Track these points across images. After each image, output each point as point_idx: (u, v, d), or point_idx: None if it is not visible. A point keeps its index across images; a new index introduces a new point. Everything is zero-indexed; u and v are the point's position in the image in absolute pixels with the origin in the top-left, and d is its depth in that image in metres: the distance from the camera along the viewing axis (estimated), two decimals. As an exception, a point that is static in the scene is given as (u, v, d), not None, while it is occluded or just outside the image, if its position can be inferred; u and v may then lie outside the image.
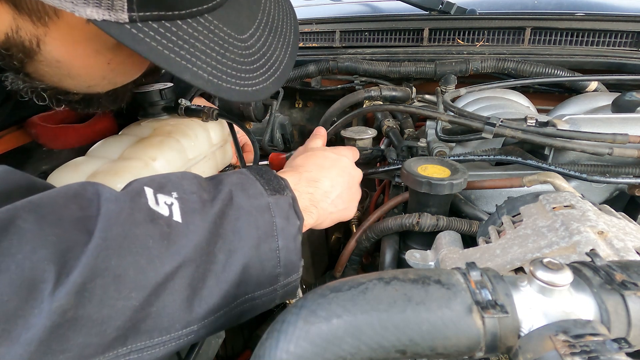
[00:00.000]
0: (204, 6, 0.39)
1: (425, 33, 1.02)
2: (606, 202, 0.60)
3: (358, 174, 0.56)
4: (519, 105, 0.74)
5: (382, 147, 0.81)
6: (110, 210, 0.31)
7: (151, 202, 0.33)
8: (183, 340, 0.33)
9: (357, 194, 0.55)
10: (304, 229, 0.45)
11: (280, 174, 0.46)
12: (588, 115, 0.60)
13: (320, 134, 0.63)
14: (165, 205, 0.34)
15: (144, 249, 0.30)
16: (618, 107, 0.61)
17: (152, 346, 0.31)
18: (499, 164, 0.66)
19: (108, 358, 0.29)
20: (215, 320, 0.34)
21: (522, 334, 0.24)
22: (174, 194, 0.35)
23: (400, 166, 0.59)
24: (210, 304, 0.33)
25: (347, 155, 0.56)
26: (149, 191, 0.34)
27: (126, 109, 0.75)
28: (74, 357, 0.27)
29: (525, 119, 0.59)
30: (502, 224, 0.42)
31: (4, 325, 0.25)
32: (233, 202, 0.37)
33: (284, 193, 0.41)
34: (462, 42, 1.00)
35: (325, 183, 0.50)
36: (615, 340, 0.20)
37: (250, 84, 0.43)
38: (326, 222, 0.51)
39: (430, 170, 0.53)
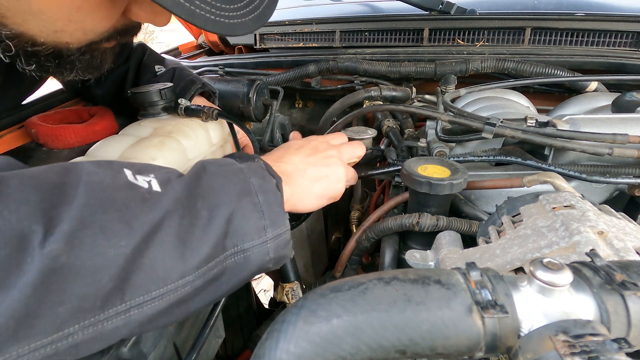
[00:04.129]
0: None
1: (425, 33, 1.02)
2: (606, 202, 0.60)
3: (333, 149, 0.57)
4: (519, 105, 0.74)
5: (382, 147, 0.81)
6: (91, 179, 0.32)
7: (130, 178, 0.35)
8: (180, 292, 0.33)
9: (336, 166, 0.54)
10: (290, 207, 0.47)
11: None
12: (588, 116, 0.60)
13: (293, 136, 0.67)
14: (144, 181, 0.35)
15: (127, 207, 0.32)
16: (618, 107, 0.61)
17: (150, 300, 0.31)
18: (499, 164, 0.66)
19: (109, 315, 0.30)
20: (208, 270, 0.35)
21: (522, 334, 0.24)
22: (152, 175, 0.37)
23: (400, 166, 0.59)
24: (202, 253, 0.34)
25: (318, 139, 0.58)
26: (127, 172, 0.35)
27: (126, 109, 0.75)
28: (72, 310, 0.28)
29: (525, 119, 0.59)
30: (502, 224, 0.42)
31: None
32: (206, 170, 0.40)
33: (254, 160, 0.44)
34: (462, 42, 1.00)
35: (294, 159, 0.51)
36: (615, 340, 0.20)
37: (228, 15, 0.41)
38: (309, 197, 0.50)
39: (430, 170, 0.53)
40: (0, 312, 0.25)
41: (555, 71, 0.82)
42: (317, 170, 0.52)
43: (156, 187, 0.35)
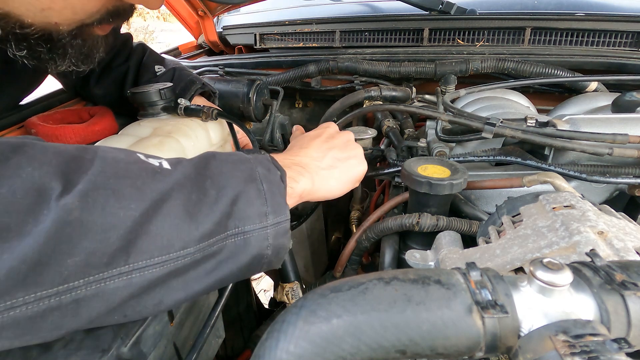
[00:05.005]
0: None
1: (425, 33, 1.02)
2: (606, 202, 0.60)
3: (346, 133, 0.59)
4: (519, 105, 0.74)
5: (382, 147, 0.81)
6: (106, 155, 0.35)
7: (142, 157, 0.37)
8: (180, 262, 0.34)
9: (356, 149, 0.57)
10: (304, 196, 0.49)
11: None
12: (588, 116, 0.60)
13: (297, 130, 0.68)
14: (156, 161, 0.38)
15: (139, 176, 0.34)
16: (618, 107, 0.61)
17: (152, 265, 0.33)
18: (499, 164, 0.66)
19: (112, 274, 0.31)
20: (209, 245, 0.36)
21: (522, 334, 0.24)
22: (162, 159, 0.39)
23: (400, 166, 0.59)
24: (205, 228, 0.36)
25: (329, 126, 0.60)
26: (139, 154, 0.38)
27: (126, 109, 0.75)
28: (80, 263, 0.29)
29: (525, 119, 0.59)
30: (502, 224, 0.42)
31: (17, 219, 0.27)
32: (215, 156, 0.42)
33: (261, 153, 0.46)
34: (462, 42, 1.00)
35: (309, 152, 0.53)
36: (615, 340, 0.20)
37: None
38: (330, 183, 0.52)
39: (430, 171, 0.53)
40: (14, 256, 0.27)
41: (555, 71, 0.82)
42: (334, 156, 0.54)
43: (166, 165, 0.38)
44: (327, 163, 0.53)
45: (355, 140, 0.75)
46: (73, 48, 0.50)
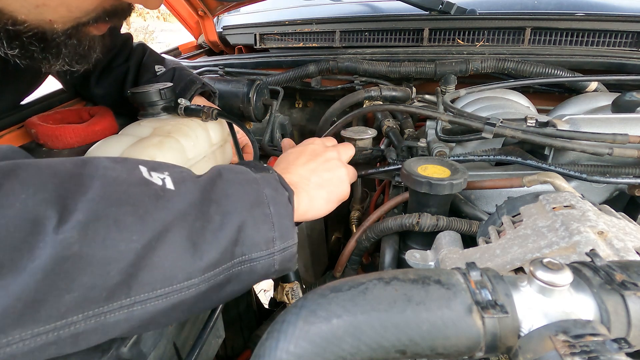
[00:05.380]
0: None
1: (425, 33, 1.02)
2: (606, 202, 0.60)
3: (331, 150, 0.57)
4: (519, 105, 0.74)
5: (382, 147, 0.81)
6: (107, 173, 0.32)
7: (145, 174, 0.35)
8: (184, 293, 0.33)
9: (337, 168, 0.55)
10: (297, 217, 0.47)
11: None
12: (588, 116, 0.60)
13: (286, 143, 0.68)
14: (159, 178, 0.36)
15: (141, 203, 0.32)
16: (618, 107, 0.61)
17: (155, 297, 0.32)
18: (499, 164, 0.66)
19: (113, 308, 0.30)
20: (215, 275, 0.35)
21: (522, 334, 0.24)
22: (166, 172, 0.37)
23: (400, 166, 0.59)
24: (210, 257, 0.34)
25: (313, 142, 0.58)
26: (142, 168, 0.36)
27: (126, 109, 0.75)
28: (79, 299, 0.28)
29: (525, 119, 0.59)
30: (502, 224, 0.42)
31: (10, 254, 0.26)
32: (222, 176, 0.40)
33: (269, 171, 0.44)
34: (462, 42, 1.00)
35: (298, 169, 0.51)
36: (615, 340, 0.20)
37: None
38: (318, 203, 0.50)
39: (430, 170, 0.53)
40: (8, 294, 0.25)
41: (555, 71, 0.82)
42: (320, 176, 0.52)
43: (170, 185, 0.35)
44: (314, 182, 0.51)
45: (355, 140, 0.75)
46: (67, 48, 0.49)
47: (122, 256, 0.30)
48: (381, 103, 0.91)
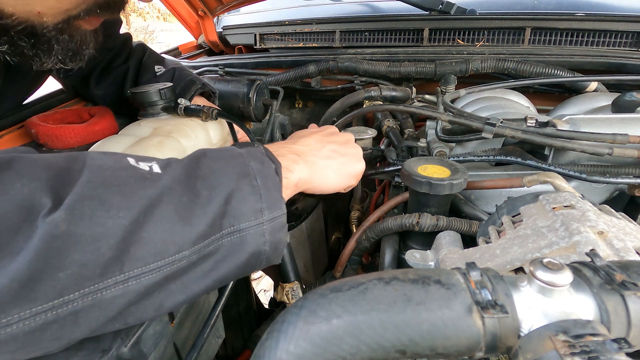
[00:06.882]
0: None
1: (425, 33, 1.02)
2: (606, 202, 0.60)
3: (347, 134, 0.59)
4: (519, 105, 0.74)
5: (382, 147, 0.81)
6: (94, 163, 0.34)
7: (132, 163, 0.36)
8: (176, 266, 0.34)
9: (355, 147, 0.57)
10: (300, 185, 0.48)
11: None
12: (588, 116, 0.60)
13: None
14: (146, 165, 0.37)
15: (127, 183, 0.33)
16: (618, 107, 0.61)
17: (148, 271, 0.32)
18: (499, 164, 0.66)
19: (108, 284, 0.31)
20: (205, 246, 0.36)
21: (522, 334, 0.24)
22: (154, 162, 0.38)
23: (400, 166, 0.59)
24: (199, 230, 0.35)
25: (331, 127, 0.60)
26: (130, 159, 0.37)
27: (126, 109, 0.75)
28: (73, 276, 0.29)
29: (525, 119, 0.59)
30: (502, 224, 0.42)
31: (7, 238, 0.28)
32: (207, 155, 0.41)
33: (254, 146, 0.45)
34: (462, 42, 1.00)
35: (308, 141, 0.53)
36: (615, 340, 0.20)
37: None
38: (327, 174, 0.51)
39: (430, 171, 0.53)
40: (5, 274, 0.27)
41: (555, 71, 0.82)
42: (335, 148, 0.54)
43: (157, 169, 0.37)
44: (324, 153, 0.52)
45: (355, 140, 0.75)
46: (59, 44, 0.48)
47: (111, 233, 0.31)
48: (381, 103, 0.91)
